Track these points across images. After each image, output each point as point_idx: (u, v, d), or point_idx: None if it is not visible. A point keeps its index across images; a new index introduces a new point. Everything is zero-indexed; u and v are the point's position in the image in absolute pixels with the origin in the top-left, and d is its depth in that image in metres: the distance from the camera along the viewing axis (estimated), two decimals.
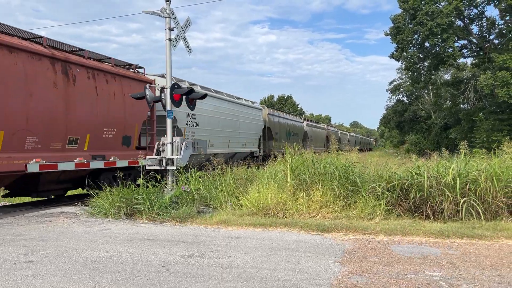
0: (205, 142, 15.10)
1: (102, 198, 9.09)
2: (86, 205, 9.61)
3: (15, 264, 5.25)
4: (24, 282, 4.56)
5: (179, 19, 10.34)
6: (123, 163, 11.99)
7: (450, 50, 28.81)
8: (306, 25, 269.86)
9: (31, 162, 9.36)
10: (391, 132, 76.39)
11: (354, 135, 79.97)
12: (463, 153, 9.27)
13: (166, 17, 10.12)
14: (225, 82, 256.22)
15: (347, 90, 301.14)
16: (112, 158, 11.77)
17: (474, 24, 31.97)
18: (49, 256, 5.60)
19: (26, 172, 9.16)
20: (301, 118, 39.46)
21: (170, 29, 10.17)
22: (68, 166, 10.26)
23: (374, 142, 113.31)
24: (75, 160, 10.46)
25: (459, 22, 31.16)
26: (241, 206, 9.02)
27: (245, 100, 23.69)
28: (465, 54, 33.18)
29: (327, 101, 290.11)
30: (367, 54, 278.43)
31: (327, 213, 8.12)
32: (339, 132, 56.15)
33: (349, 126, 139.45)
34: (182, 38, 10.42)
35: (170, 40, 10.14)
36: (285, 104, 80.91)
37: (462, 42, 32.48)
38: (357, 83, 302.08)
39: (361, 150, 25.05)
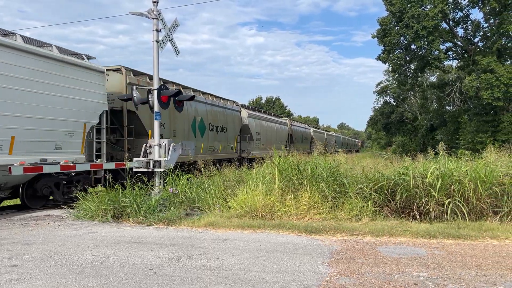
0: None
1: (88, 201, 8.98)
2: (72, 208, 9.49)
3: None
4: (8, 286, 4.48)
5: (166, 21, 10.30)
6: (110, 165, 11.89)
7: (436, 52, 29.19)
8: (293, 27, 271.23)
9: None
10: (378, 134, 77.08)
11: (335, 134, 69.25)
12: (441, 153, 9.34)
13: (153, 19, 10.06)
14: (213, 84, 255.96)
15: (335, 92, 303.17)
16: None
17: (459, 27, 32.49)
18: (34, 260, 5.51)
19: None
20: (236, 105, 24.12)
21: (158, 31, 10.11)
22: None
23: (359, 144, 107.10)
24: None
25: (444, 25, 31.61)
26: (229, 208, 8.99)
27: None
28: (451, 56, 33.66)
29: (315, 103, 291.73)
30: (354, 56, 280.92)
31: (315, 214, 8.14)
32: (311, 131, 45.42)
33: (336, 128, 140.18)
34: (169, 40, 10.37)
35: (157, 41, 10.09)
36: (273, 105, 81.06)
37: (448, 44, 32.96)
38: (345, 85, 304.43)
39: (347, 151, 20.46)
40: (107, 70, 13.02)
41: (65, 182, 11.14)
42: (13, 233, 7.43)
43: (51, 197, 11.14)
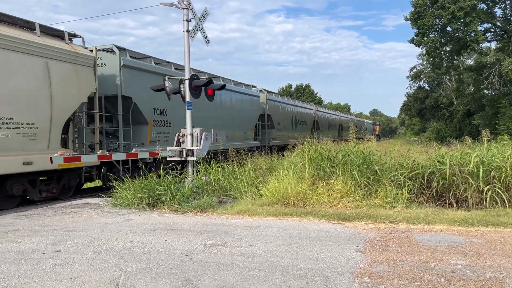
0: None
1: (124, 189, 9.25)
2: (109, 196, 9.80)
3: (43, 254, 5.42)
4: (52, 271, 4.70)
5: (196, 10, 10.34)
6: (145, 155, 12.19)
7: (473, 34, 28.02)
8: (322, 13, 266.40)
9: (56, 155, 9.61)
10: (412, 120, 75.12)
11: (329, 112, 41.70)
12: (485, 140, 9.08)
13: (183, 9, 10.12)
14: (241, 73, 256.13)
15: (365, 78, 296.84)
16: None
17: (497, 7, 31.01)
18: (76, 246, 5.76)
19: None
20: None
21: (188, 21, 10.17)
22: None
23: (377, 128, 72.38)
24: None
25: (482, 5, 30.25)
26: (261, 196, 9.05)
27: None
28: (489, 38, 32.26)
29: (345, 90, 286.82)
30: (385, 41, 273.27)
31: (348, 202, 8.08)
32: (280, 106, 26.02)
33: (368, 114, 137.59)
34: (200, 29, 10.42)
35: (188, 31, 10.16)
36: (303, 93, 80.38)
37: (486, 25, 31.57)
38: (376, 71, 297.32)
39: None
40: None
41: None
42: (55, 220, 7.77)
43: None
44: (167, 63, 15.44)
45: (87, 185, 13.24)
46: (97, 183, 13.45)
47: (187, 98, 10.13)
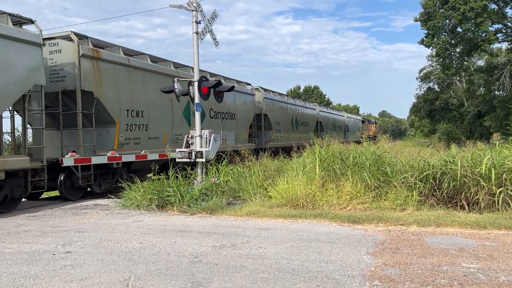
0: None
1: (134, 190, 9.29)
2: (119, 198, 9.85)
3: (54, 254, 5.45)
4: (63, 272, 4.73)
5: (205, 12, 10.36)
6: (154, 156, 12.25)
7: (484, 34, 27.70)
8: (330, 14, 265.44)
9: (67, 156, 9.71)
10: (421, 121, 74.52)
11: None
12: (497, 144, 8.99)
13: (193, 10, 10.15)
14: (250, 74, 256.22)
15: (374, 79, 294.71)
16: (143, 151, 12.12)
17: (508, 7, 30.65)
18: (86, 247, 5.78)
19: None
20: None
21: (197, 22, 10.20)
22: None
23: (373, 127, 57.03)
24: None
25: (493, 6, 29.93)
26: (270, 197, 9.03)
27: None
28: (500, 38, 31.87)
29: (353, 91, 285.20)
30: (394, 42, 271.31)
31: (358, 204, 8.02)
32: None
33: (377, 116, 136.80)
34: (209, 31, 10.44)
35: (197, 33, 10.18)
36: (311, 94, 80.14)
37: (497, 26, 31.21)
38: (384, 72, 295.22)
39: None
40: None
41: None
42: (65, 221, 7.82)
43: None
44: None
45: None
46: None
47: (196, 100, 10.15)
